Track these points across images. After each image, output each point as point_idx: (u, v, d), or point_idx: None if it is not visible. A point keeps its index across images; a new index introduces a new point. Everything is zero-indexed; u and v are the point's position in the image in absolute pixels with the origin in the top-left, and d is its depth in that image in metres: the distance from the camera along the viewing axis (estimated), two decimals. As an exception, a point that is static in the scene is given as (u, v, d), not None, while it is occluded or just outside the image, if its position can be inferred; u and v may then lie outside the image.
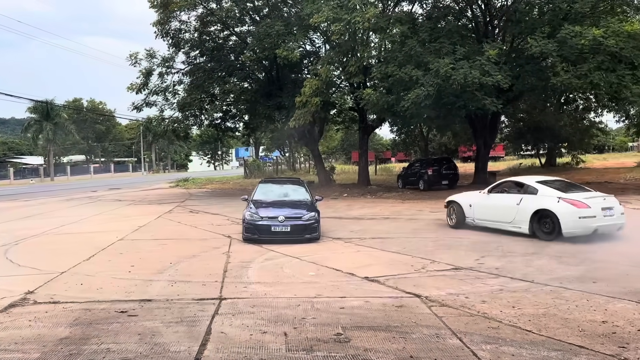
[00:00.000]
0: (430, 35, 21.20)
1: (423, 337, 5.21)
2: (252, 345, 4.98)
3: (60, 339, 5.24)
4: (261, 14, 27.33)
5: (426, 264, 8.80)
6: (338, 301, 6.53)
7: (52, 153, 66.27)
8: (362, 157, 29.89)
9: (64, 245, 11.69)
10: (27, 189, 41.94)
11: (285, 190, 13.77)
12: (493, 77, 18.68)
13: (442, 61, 18.90)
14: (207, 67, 27.86)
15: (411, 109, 19.62)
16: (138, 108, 28.30)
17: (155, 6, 25.31)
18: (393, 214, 16.85)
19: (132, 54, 26.98)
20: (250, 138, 59.39)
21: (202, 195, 28.82)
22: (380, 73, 20.86)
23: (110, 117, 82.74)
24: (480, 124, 26.80)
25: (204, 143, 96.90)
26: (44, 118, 62.05)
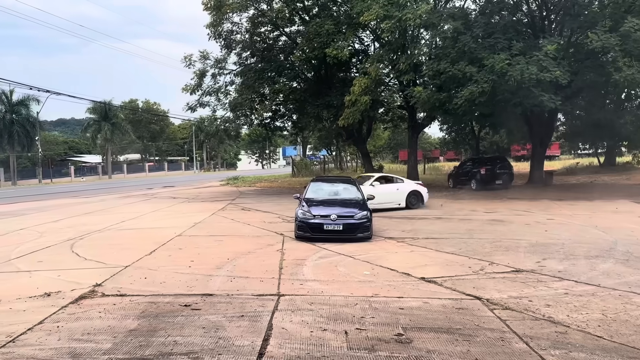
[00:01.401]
0: (484, 30, 20.69)
1: (487, 340, 5.09)
2: (314, 342, 5.02)
3: (129, 331, 5.46)
4: (311, 14, 27.51)
5: (484, 266, 8.59)
6: (396, 301, 6.49)
7: (109, 152, 69.20)
8: (411, 156, 29.54)
9: (126, 241, 12.18)
10: (87, 186, 44.02)
11: (336, 189, 13.79)
12: (551, 73, 18.03)
13: (498, 57, 18.41)
14: (258, 67, 28.30)
15: (464, 106, 19.22)
16: (192, 108, 29.17)
17: (209, 8, 25.95)
18: (445, 214, 16.55)
19: (186, 56, 27.86)
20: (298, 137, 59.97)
21: (252, 194, 29.30)
22: (431, 70, 20.55)
23: (164, 117, 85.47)
24: (536, 121, 25.93)
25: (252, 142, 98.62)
26: (103, 118, 64.86)
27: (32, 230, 14.34)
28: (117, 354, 4.78)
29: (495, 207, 18.00)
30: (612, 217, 14.75)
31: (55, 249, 11.12)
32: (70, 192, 35.57)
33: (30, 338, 5.31)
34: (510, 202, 19.58)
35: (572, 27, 21.86)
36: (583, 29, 20.29)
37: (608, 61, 19.67)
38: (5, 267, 9.23)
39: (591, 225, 13.17)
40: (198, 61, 28.18)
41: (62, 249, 11.09)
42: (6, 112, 54.29)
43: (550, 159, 53.37)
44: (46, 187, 46.07)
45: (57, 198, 29.04)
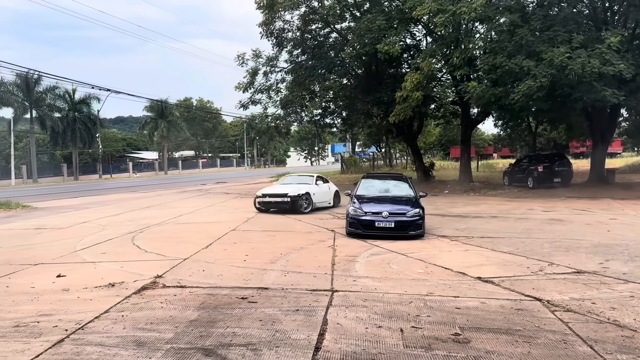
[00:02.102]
0: (542, 23, 19.90)
1: (549, 342, 4.93)
2: (369, 338, 5.03)
3: (190, 321, 5.65)
4: (362, 10, 27.36)
5: (544, 266, 8.30)
6: (452, 300, 6.38)
7: (165, 148, 71.64)
8: (464, 153, 28.89)
9: (183, 234, 12.60)
10: (144, 182, 45.78)
11: (388, 186, 13.70)
12: (615, 67, 17.17)
13: (557, 50, 17.70)
14: (308, 64, 28.46)
15: (521, 101, 18.60)
16: (244, 106, 29.77)
17: (262, 7, 26.34)
18: (500, 212, 16.10)
19: (239, 55, 28.40)
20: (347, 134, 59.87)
21: (303, 190, 29.48)
22: (486, 64, 19.98)
23: (216, 115, 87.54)
24: (597, 117, 24.73)
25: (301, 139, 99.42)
26: (159, 116, 67.18)
27: (95, 224, 15.08)
28: (179, 344, 4.96)
29: (553, 206, 17.34)
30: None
31: (117, 242, 11.65)
32: (128, 187, 37.13)
33: (97, 326, 5.59)
34: (569, 201, 18.81)
35: (637, 18, 20.71)
36: (649, 19, 19.19)
37: (677, 53, 18.54)
38: (72, 258, 9.75)
39: (659, 226, 12.46)
40: (250, 59, 28.72)
41: (123, 242, 11.61)
42: (69, 110, 57.21)
43: (612, 157, 50.73)
44: (106, 182, 48.31)
45: (117, 193, 30.38)
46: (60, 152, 65.09)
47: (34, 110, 53.55)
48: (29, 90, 51.89)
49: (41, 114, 53.98)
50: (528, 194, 21.86)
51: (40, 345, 4.97)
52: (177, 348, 4.84)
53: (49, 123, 54.44)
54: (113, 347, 4.91)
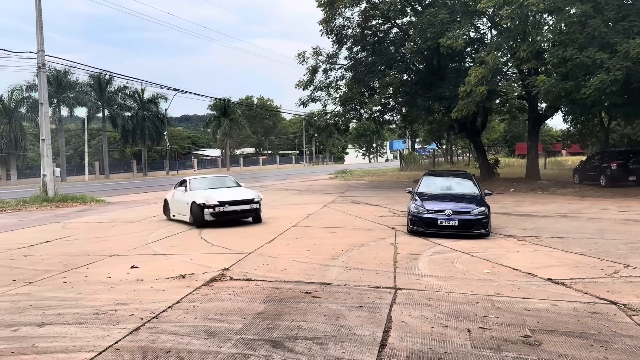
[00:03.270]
0: (617, 13, 18.76)
1: (627, 347, 4.68)
2: (435, 337, 4.98)
3: (257, 313, 5.82)
4: (424, 4, 26.91)
5: (619, 269, 7.87)
6: (521, 302, 6.19)
7: (228, 146, 73.67)
8: (531, 149, 27.79)
9: (247, 229, 12.96)
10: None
11: (451, 184, 13.41)
12: (699, 57, 15.93)
13: (633, 42, 16.68)
14: (368, 61, 28.35)
15: (593, 95, 17.67)
16: (304, 103, 30.10)
17: (322, 5, 26.52)
18: (571, 211, 15.37)
19: (300, 53, 28.74)
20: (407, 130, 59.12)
21: (361, 187, 29.51)
22: (556, 57, 19.09)
23: (276, 113, 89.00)
24: (678, 111, 23.04)
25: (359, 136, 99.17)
26: (222, 114, 69.18)
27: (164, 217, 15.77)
28: (248, 335, 5.12)
29: (629, 205, 16.35)
30: None
31: (185, 235, 12.16)
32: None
33: (170, 315, 5.86)
34: (647, 201, 17.66)
35: None
36: None
37: None
38: (144, 250, 10.29)
39: None
40: (311, 57, 29.01)
41: (191, 235, 12.10)
42: (138, 109, 60.10)
43: (696, 154, 47.04)
44: (173, 178, 50.34)
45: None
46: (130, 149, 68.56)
47: (106, 109, 56.75)
48: (101, 90, 55.03)
49: (112, 113, 57.13)
50: (600, 193, 20.72)
51: (118, 332, 5.28)
52: (246, 339, 5.00)
53: (120, 121, 57.50)
54: (185, 336, 5.14)
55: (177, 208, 14.76)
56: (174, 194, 15.44)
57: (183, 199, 14.30)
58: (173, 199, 15.24)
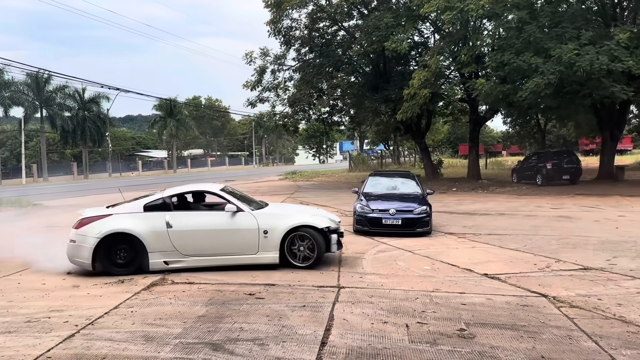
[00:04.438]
0: (550, 20, 19.78)
1: (554, 338, 4.95)
2: (375, 334, 5.08)
3: (198, 317, 5.74)
4: (369, 7, 27.36)
5: (550, 263, 8.31)
6: (458, 297, 6.42)
7: (174, 147, 72.01)
8: (472, 150, 28.81)
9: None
10: (154, 180, 46.05)
11: (395, 184, 13.71)
12: (623, 63, 17.07)
13: (565, 47, 17.61)
14: (316, 62, 28.51)
15: (529, 98, 18.53)
16: (252, 104, 29.89)
17: (269, 6, 26.44)
18: (509, 209, 16.06)
19: (247, 53, 28.52)
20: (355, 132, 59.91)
21: (310, 188, 29.60)
22: (494, 62, 19.91)
23: (225, 114, 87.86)
24: (606, 114, 24.58)
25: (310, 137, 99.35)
26: (168, 115, 67.51)
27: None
28: (188, 338, 5.04)
29: (562, 203, 17.26)
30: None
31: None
32: (138, 185, 37.38)
33: (107, 321, 5.69)
34: (577, 198, 18.70)
35: (647, 14, 20.55)
36: (659, 15, 19.03)
37: (687, 50, 18.36)
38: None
39: (669, 223, 12.38)
40: (258, 58, 28.82)
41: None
42: (79, 109, 57.73)
43: (622, 153, 50.34)
44: (116, 181, 48.67)
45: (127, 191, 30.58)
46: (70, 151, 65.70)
47: (44, 109, 54.10)
48: (39, 89, 52.42)
49: (51, 113, 54.51)
50: (536, 191, 21.75)
51: (51, 340, 5.07)
52: (186, 343, 4.92)
53: (59, 122, 54.97)
54: (122, 341, 5.00)
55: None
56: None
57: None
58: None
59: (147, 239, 7.72)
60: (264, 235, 7.95)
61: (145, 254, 7.74)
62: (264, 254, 7.99)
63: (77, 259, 7.80)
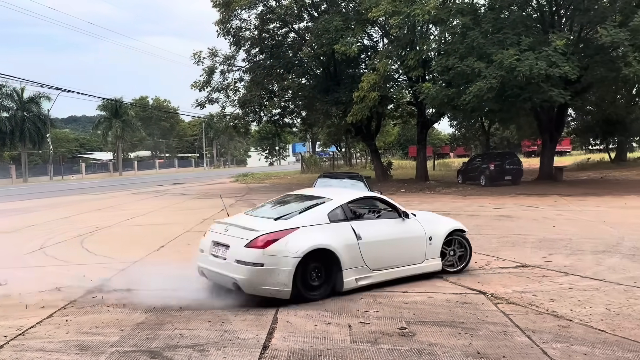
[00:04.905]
0: (493, 26, 20.57)
1: (490, 333, 5.12)
2: (318, 335, 5.09)
3: (137, 324, 5.56)
4: (319, 10, 27.52)
5: (490, 261, 8.60)
6: (400, 295, 6.53)
7: (120, 149, 69.80)
8: (420, 152, 29.48)
9: (135, 236, 12.35)
10: (98, 183, 44.45)
11: (343, 185, 13.74)
12: (560, 68, 17.93)
13: (506, 52, 18.33)
14: (267, 64, 28.40)
15: (473, 102, 19.15)
16: (201, 105, 29.42)
17: (217, 5, 26.10)
18: (453, 209, 16.51)
19: (195, 53, 28.01)
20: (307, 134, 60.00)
21: (262, 190, 29.43)
22: (440, 66, 20.48)
23: (174, 114, 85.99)
24: (546, 117, 25.77)
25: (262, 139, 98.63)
26: (113, 115, 65.43)
27: (44, 227, 14.56)
28: (124, 347, 4.88)
29: (503, 203, 17.92)
30: (621, 213, 14.64)
31: (65, 245, 11.30)
32: (81, 188, 35.97)
33: (39, 331, 5.44)
34: (518, 198, 19.48)
35: (582, 22, 21.69)
36: (593, 23, 20.16)
37: (618, 56, 19.53)
38: (17, 263, 9.41)
39: (599, 220, 13.08)
40: (207, 58, 28.38)
41: (72, 245, 11.27)
42: (17, 109, 55.00)
43: (561, 155, 52.95)
44: (57, 184, 46.62)
45: (68, 195, 29.41)
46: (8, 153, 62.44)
47: (-21, 109, 51.21)
48: (-28, 89, 49.58)
49: (-13, 113, 51.67)
50: (480, 192, 22.50)
51: (-24, 353, 4.79)
52: (122, 351, 4.76)
53: (-4, 123, 52.17)
54: (54, 352, 4.79)
55: None
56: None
57: None
58: None
59: (342, 254, 6.48)
60: (429, 242, 7.39)
61: (339, 271, 6.49)
62: (428, 262, 7.42)
63: (268, 286, 6.01)
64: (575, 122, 41.48)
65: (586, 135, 43.31)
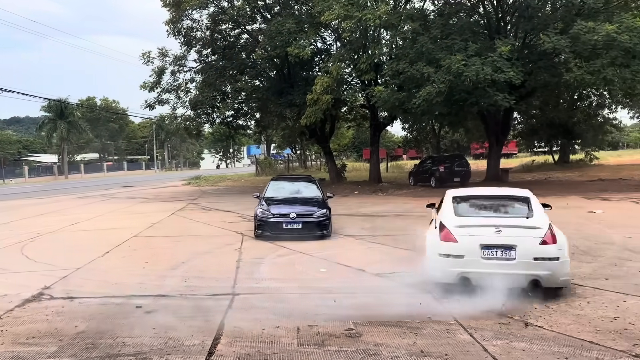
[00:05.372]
0: (441, 31, 21.08)
1: (434, 332, 5.24)
2: (265, 339, 5.06)
3: (77, 333, 5.36)
4: (272, 12, 27.41)
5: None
6: (349, 297, 6.60)
7: (65, 151, 67.05)
8: (373, 155, 29.85)
9: (79, 242, 11.88)
10: (42, 187, 42.49)
11: (296, 188, 13.82)
12: (505, 74, 18.56)
13: (454, 58, 18.81)
14: (219, 65, 27.96)
15: (422, 106, 19.55)
16: (151, 106, 28.60)
17: (168, 5, 25.51)
18: (405, 211, 16.84)
19: (144, 53, 27.23)
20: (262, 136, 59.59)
21: (215, 193, 29.00)
22: (391, 70, 20.81)
23: (123, 116, 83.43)
24: (492, 120, 26.63)
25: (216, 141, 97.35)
26: (58, 117, 62.77)
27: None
28: (62, 357, 4.70)
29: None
30: (562, 213, 15.27)
31: (4, 252, 10.75)
32: (23, 193, 34.29)
33: (-28, 343, 5.14)
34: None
35: (526, 28, 22.54)
36: (536, 30, 20.97)
37: (560, 62, 20.42)
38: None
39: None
40: (157, 58, 27.63)
41: (11, 252, 10.73)
42: (-46, 110, 51.92)
43: (508, 157, 54.87)
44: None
45: (10, 199, 27.97)
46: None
47: None
48: None
49: None
50: (431, 193, 22.97)
51: None
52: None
53: None
54: (-14, 366, 4.54)
55: None
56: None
57: None
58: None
59: None
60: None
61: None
62: None
63: (563, 277, 6.50)
64: (521, 125, 43.11)
65: (531, 138, 45.05)
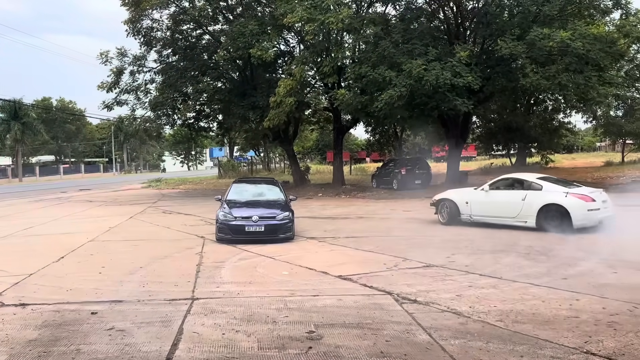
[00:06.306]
0: (403, 36, 21.43)
1: (394, 333, 5.30)
2: (225, 344, 5.00)
3: (28, 341, 5.16)
4: (235, 13, 27.21)
5: (398, 262, 8.93)
6: (311, 300, 6.59)
7: (20, 153, 64.57)
8: (336, 157, 30.00)
9: (33, 247, 11.44)
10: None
11: (259, 190, 13.73)
12: (464, 79, 19.04)
13: (415, 62, 19.16)
14: (180, 66, 27.55)
15: (384, 109, 19.83)
16: (109, 107, 27.82)
17: (127, 4, 24.95)
18: (367, 213, 17.01)
19: (102, 53, 26.51)
20: (225, 138, 58.86)
21: (175, 196, 28.53)
22: (354, 73, 21.01)
23: (80, 117, 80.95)
24: (452, 124, 27.18)
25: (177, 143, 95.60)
26: (12, 117, 60.42)
27: None
28: (12, 367, 4.50)
29: (413, 206, 18.69)
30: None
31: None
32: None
33: None
34: (427, 201, 20.28)
35: (484, 34, 23.17)
36: (494, 36, 21.59)
37: (517, 67, 21.09)
38: None
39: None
40: (115, 58, 26.94)
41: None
42: None
43: (468, 160, 56.20)
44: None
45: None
46: None
47: None
48: None
49: None
50: (393, 195, 23.34)
51: None
52: (8, 373, 4.38)
53: None
54: None
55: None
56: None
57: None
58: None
59: None
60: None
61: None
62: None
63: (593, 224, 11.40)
64: (480, 129, 44.25)
65: (489, 142, 46.23)
